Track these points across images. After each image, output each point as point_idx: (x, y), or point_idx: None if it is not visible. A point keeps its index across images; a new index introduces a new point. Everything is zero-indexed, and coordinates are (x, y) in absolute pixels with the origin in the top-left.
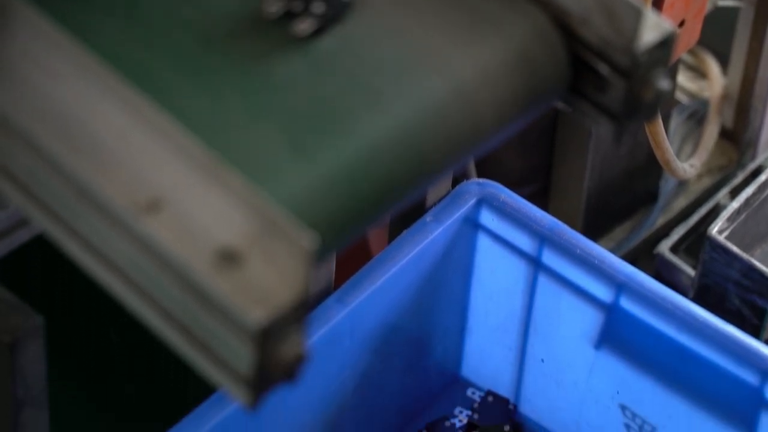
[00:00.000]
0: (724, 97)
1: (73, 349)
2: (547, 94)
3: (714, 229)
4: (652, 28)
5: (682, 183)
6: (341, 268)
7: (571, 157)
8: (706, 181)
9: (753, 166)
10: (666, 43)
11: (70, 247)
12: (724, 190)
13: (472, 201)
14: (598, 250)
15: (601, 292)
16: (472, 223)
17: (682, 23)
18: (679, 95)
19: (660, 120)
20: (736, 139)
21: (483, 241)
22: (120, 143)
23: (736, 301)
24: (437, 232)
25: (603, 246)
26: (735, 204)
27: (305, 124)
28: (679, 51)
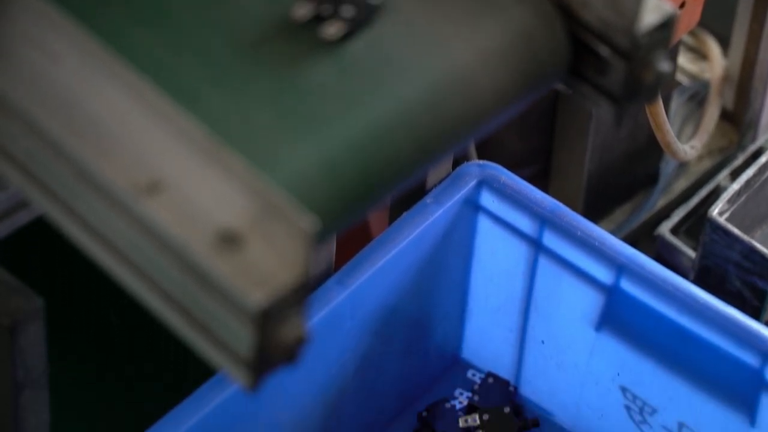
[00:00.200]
0: (725, 78)
1: (74, 331)
2: (547, 77)
3: (714, 210)
4: (653, 9)
5: (683, 165)
6: (342, 250)
7: (572, 138)
8: (707, 163)
9: (753, 148)
10: (667, 25)
11: (70, 228)
12: (725, 172)
13: (473, 183)
14: (599, 232)
15: (602, 273)
16: (473, 205)
17: (682, 5)
18: (679, 77)
19: (660, 102)
20: (737, 120)
21: (483, 222)
22: (120, 125)
23: (737, 283)
24: (438, 213)
25: (603, 228)
26: (735, 186)
27: (306, 107)
28: (680, 33)
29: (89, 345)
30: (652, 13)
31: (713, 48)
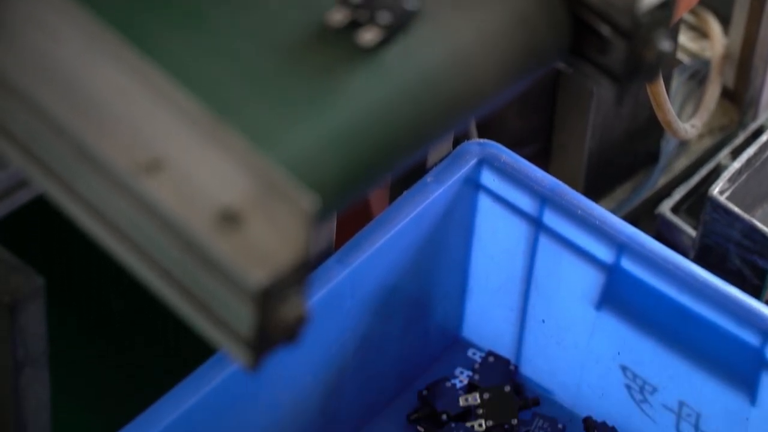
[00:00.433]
0: (726, 57)
1: (74, 310)
2: (547, 56)
3: (715, 189)
4: None
5: (683, 143)
6: (342, 229)
7: (572, 117)
8: (707, 142)
9: (754, 127)
10: (667, 4)
11: (71, 207)
12: (726, 151)
13: (473, 161)
14: (599, 211)
15: (602, 252)
16: (473, 184)
17: None
18: (680, 55)
19: (661, 80)
20: (738, 99)
21: (484, 201)
22: (121, 104)
23: (737, 262)
24: (438, 192)
25: (604, 206)
26: (736, 164)
27: (305, 85)
28: (681, 11)
29: (89, 324)
30: None
31: (714, 26)
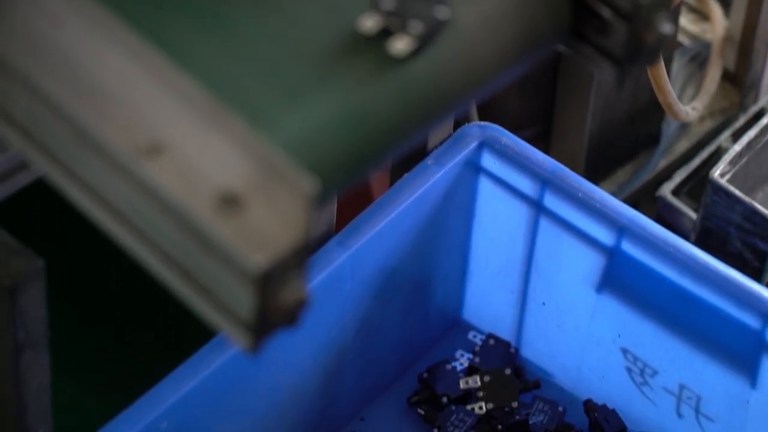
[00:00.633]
0: (727, 39)
1: (74, 292)
2: (548, 38)
3: (716, 172)
4: None
5: (684, 126)
6: (343, 212)
7: (573, 100)
8: (708, 124)
9: (755, 109)
10: None
11: (71, 190)
12: (726, 133)
13: (474, 144)
14: (600, 194)
15: (603, 235)
16: (474, 167)
17: None
18: (681, 37)
19: (662, 63)
20: (738, 81)
21: (484, 184)
22: (121, 87)
23: (738, 245)
24: (438, 175)
25: (604, 189)
26: (737, 147)
27: (306, 67)
28: None
29: (89, 306)
30: None
31: (715, 9)
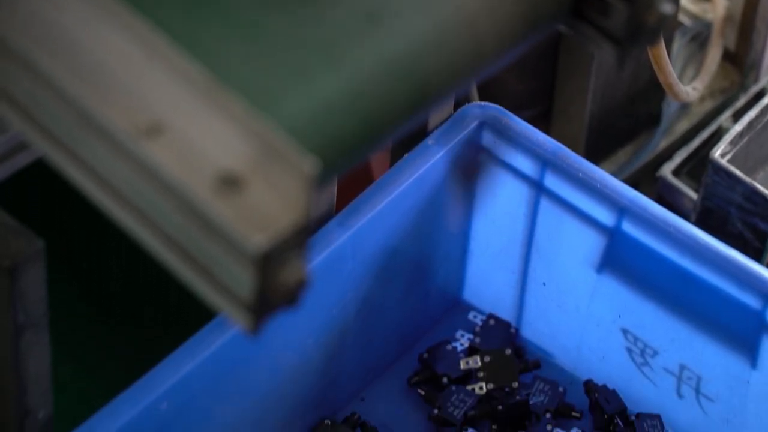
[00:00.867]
0: (727, 19)
1: (74, 272)
2: (549, 18)
3: (716, 152)
4: None
5: (685, 106)
6: (343, 192)
7: (574, 80)
8: (709, 104)
9: (756, 89)
10: None
11: (71, 171)
12: (727, 113)
13: (474, 124)
14: (600, 174)
15: (603, 215)
16: (474, 147)
17: None
18: (681, 17)
19: (663, 43)
20: (739, 61)
21: (485, 164)
22: (121, 67)
23: (738, 225)
24: (439, 155)
25: (605, 169)
26: (737, 127)
27: (305, 49)
28: None
29: (89, 287)
30: None
31: None
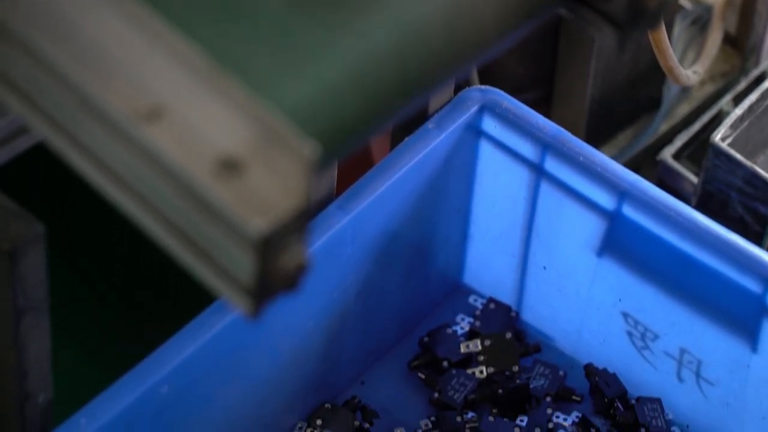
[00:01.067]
0: (728, 2)
1: (75, 256)
2: (549, 1)
3: (717, 136)
4: None
5: (685, 89)
6: (343, 176)
7: (574, 63)
8: (709, 88)
9: (756, 73)
10: None
11: (71, 155)
12: (728, 97)
13: (475, 108)
14: (601, 158)
15: (604, 199)
16: (475, 130)
17: None
18: (682, 1)
19: (663, 26)
20: (740, 45)
21: (485, 148)
22: (121, 51)
23: (739, 209)
24: (439, 139)
25: (605, 153)
26: (738, 111)
27: (305, 30)
28: None
29: (90, 271)
30: None
31: None
